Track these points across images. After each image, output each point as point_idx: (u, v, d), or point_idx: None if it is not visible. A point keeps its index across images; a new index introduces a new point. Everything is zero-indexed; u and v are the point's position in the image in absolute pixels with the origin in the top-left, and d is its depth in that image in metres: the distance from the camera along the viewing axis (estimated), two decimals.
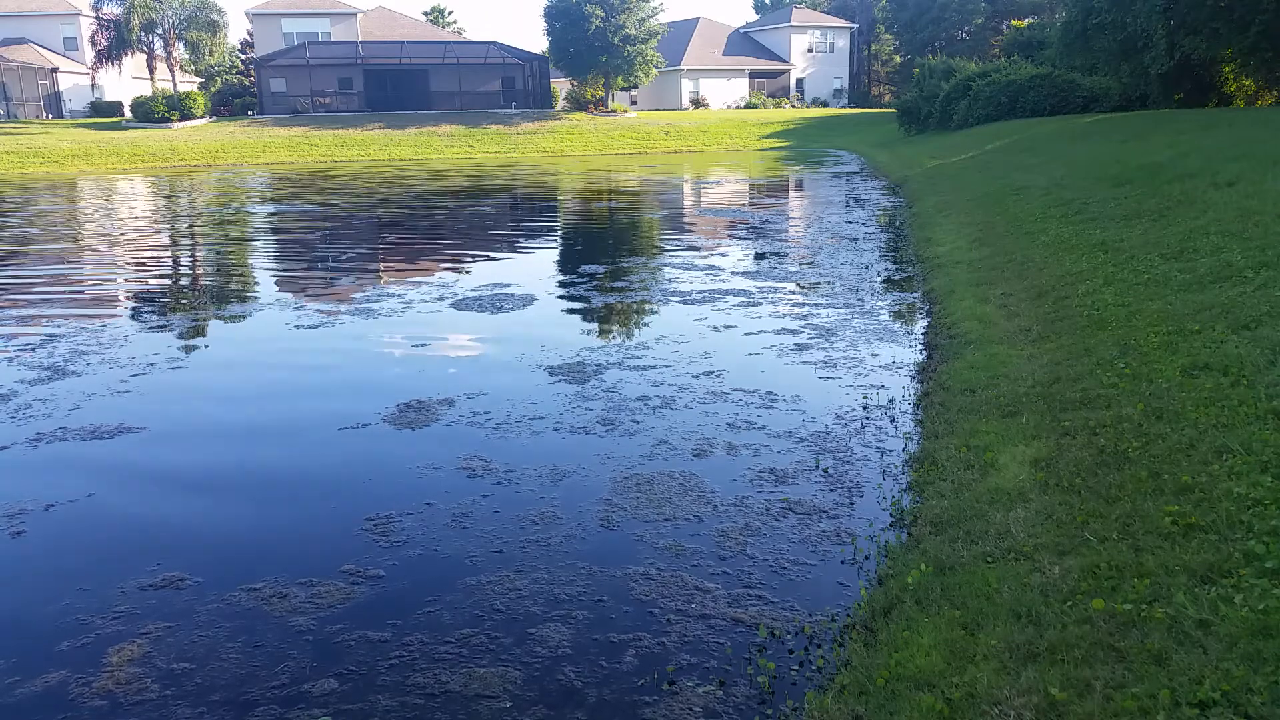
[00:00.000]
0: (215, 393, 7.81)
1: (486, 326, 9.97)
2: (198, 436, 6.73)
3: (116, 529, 5.23)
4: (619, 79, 55.73)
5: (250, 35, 63.21)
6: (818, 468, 5.81)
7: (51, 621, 4.23)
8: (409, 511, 5.30)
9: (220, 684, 3.76)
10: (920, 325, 9.45)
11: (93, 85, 53.72)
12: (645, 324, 10.04)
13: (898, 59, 71.41)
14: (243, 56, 64.32)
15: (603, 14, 51.54)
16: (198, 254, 16.52)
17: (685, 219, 20.38)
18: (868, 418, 6.69)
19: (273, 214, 22.04)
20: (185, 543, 5.01)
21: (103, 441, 6.49)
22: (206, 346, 9.62)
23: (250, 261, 15.66)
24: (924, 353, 8.34)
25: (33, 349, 9.00)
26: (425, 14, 76.18)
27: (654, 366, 8.08)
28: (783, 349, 8.58)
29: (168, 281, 13.94)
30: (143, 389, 7.73)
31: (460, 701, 3.64)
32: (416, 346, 9.18)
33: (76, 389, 7.67)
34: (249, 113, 52.73)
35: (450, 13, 79.72)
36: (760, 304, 10.60)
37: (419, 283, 12.49)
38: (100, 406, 7.23)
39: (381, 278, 13.53)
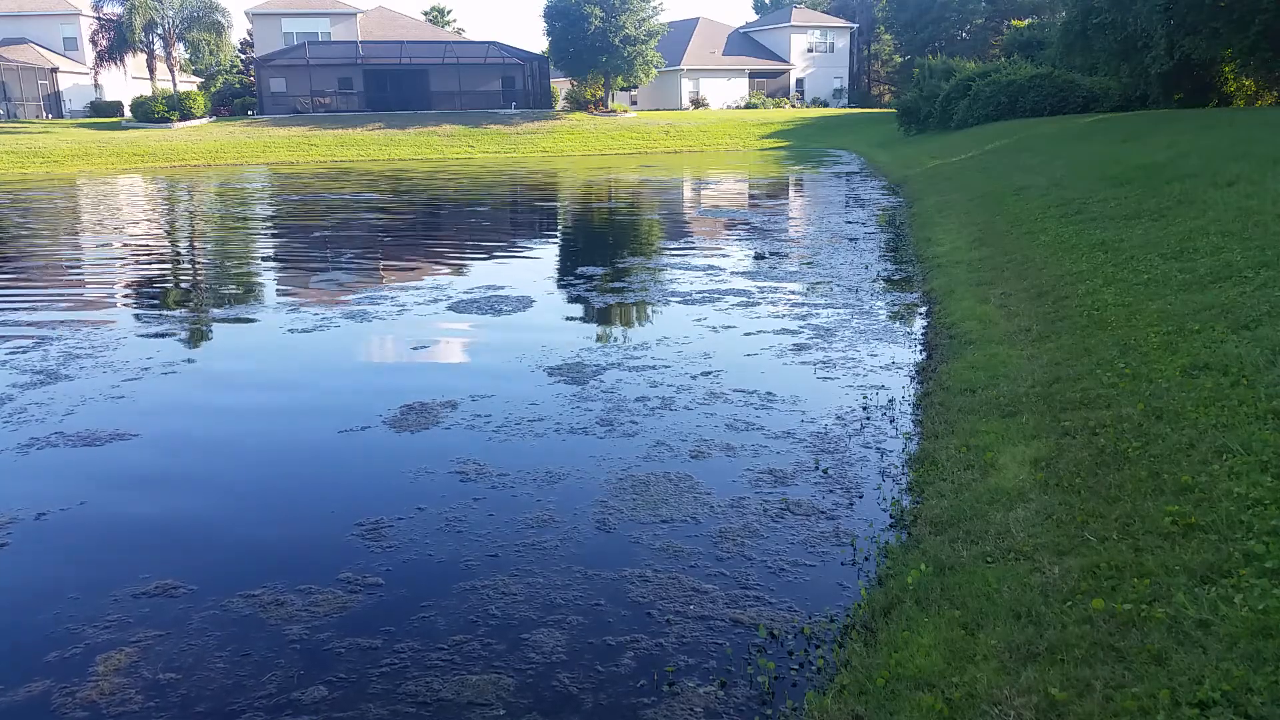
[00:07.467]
0: (211, 397, 7.76)
1: (486, 328, 9.94)
2: (193, 442, 6.67)
3: (109, 536, 5.18)
4: (619, 79, 55.71)
5: (250, 35, 63.22)
6: (817, 468, 5.78)
7: (41, 630, 4.18)
8: (401, 516, 5.25)
9: (207, 693, 3.72)
10: (920, 325, 9.42)
11: (93, 85, 53.71)
12: (645, 324, 10.01)
13: (898, 59, 71.36)
14: (243, 56, 64.33)
15: (603, 14, 51.51)
16: (195, 254, 16.49)
17: (685, 219, 20.35)
18: (867, 418, 6.66)
19: (273, 214, 22.03)
20: (179, 550, 4.97)
21: (96, 447, 6.44)
22: (202, 350, 9.57)
23: (249, 262, 15.61)
24: (924, 353, 8.31)
25: (25, 351, 8.97)
26: (425, 14, 76.15)
27: (653, 367, 8.04)
28: (782, 349, 8.55)
29: (163, 283, 13.88)
30: (136, 394, 7.68)
31: (453, 709, 3.60)
32: (415, 349, 9.16)
33: (70, 393, 7.62)
34: (249, 113, 52.72)
35: (450, 13, 79.68)
36: (760, 304, 10.57)
37: (417, 285, 12.46)
38: (94, 412, 7.18)
39: (381, 278, 13.50)
